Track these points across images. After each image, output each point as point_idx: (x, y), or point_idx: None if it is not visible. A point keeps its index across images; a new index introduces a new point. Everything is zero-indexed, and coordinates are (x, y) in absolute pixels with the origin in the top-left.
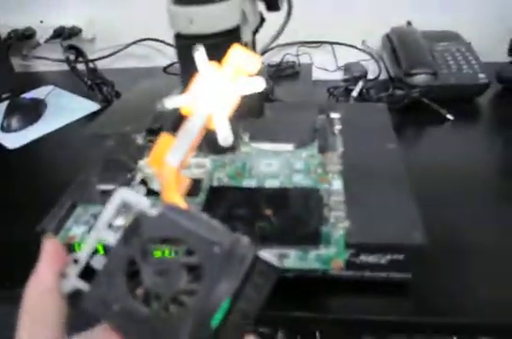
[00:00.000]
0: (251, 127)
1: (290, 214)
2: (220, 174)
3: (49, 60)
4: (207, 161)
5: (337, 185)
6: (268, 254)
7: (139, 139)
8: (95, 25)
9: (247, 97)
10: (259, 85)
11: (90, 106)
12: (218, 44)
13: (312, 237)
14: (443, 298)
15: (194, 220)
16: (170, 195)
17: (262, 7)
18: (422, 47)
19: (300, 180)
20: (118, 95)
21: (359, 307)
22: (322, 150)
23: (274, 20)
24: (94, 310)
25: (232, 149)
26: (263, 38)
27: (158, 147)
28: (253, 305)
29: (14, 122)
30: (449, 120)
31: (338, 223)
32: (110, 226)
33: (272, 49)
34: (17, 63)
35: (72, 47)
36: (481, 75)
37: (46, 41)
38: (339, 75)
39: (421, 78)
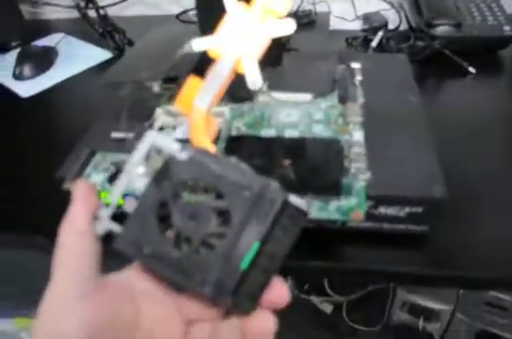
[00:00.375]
0: (269, 76)
1: (310, 164)
2: (239, 123)
3: (59, 7)
4: (226, 110)
5: (358, 136)
6: (297, 199)
7: (156, 87)
8: None
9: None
10: (289, 27)
11: (103, 54)
12: None
13: (332, 188)
14: (460, 251)
15: (223, 164)
16: (199, 139)
17: None
18: None
19: (320, 130)
20: (130, 43)
21: (372, 258)
22: (342, 100)
23: None
24: (126, 251)
25: (251, 98)
26: None
27: (186, 90)
28: (281, 248)
29: (26, 70)
30: (471, 72)
31: (359, 174)
32: (139, 170)
33: None
34: (26, 10)
35: None
36: (506, 27)
37: None
38: (357, 25)
39: (443, 29)
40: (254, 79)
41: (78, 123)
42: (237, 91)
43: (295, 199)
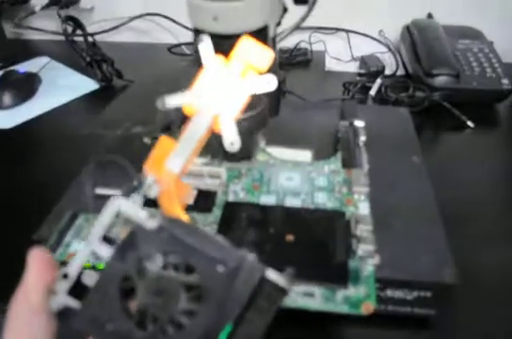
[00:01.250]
0: (267, 129)
1: (314, 242)
2: (236, 187)
3: (44, 32)
4: (222, 171)
5: (364, 208)
6: (276, 274)
7: (146, 139)
8: None
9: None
10: (270, 84)
11: (89, 85)
12: None
13: (339, 275)
14: (464, 335)
15: (195, 235)
16: (170, 205)
17: None
18: (444, 44)
19: (324, 200)
20: (118, 74)
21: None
22: (346, 164)
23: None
24: (85, 329)
25: (248, 156)
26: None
27: (157, 151)
28: (256, 330)
29: (7, 99)
30: (469, 126)
31: (367, 258)
32: (104, 238)
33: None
34: (9, 30)
35: (69, 18)
36: (504, 81)
37: (42, 9)
38: (353, 67)
39: (442, 80)
40: (232, 140)
41: (62, 163)
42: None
43: (273, 275)
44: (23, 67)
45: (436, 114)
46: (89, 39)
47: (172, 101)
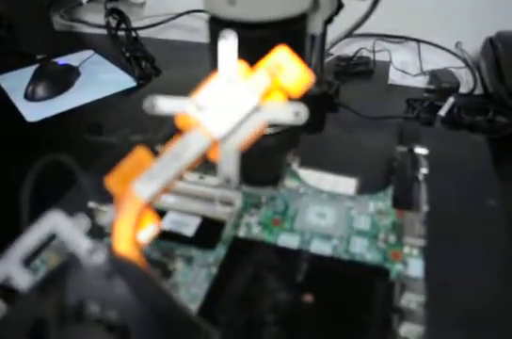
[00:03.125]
0: (304, 148)
1: (339, 309)
2: (251, 219)
3: (88, 25)
4: (237, 197)
5: (415, 267)
6: None
7: (158, 147)
8: None
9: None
10: (299, 117)
11: (126, 82)
12: (269, 40)
13: None
14: None
15: (144, 286)
16: (125, 240)
17: None
18: None
19: (363, 249)
20: (157, 73)
21: None
22: (399, 204)
23: (352, 4)
24: None
25: (274, 181)
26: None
27: (128, 163)
28: None
29: (40, 91)
30: None
31: None
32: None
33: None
34: (58, 21)
35: (114, 11)
36: None
37: (89, 1)
38: (421, 82)
39: None
40: (229, 176)
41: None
42: (258, 172)
43: None
44: (65, 59)
45: None
46: (133, 34)
47: (165, 105)
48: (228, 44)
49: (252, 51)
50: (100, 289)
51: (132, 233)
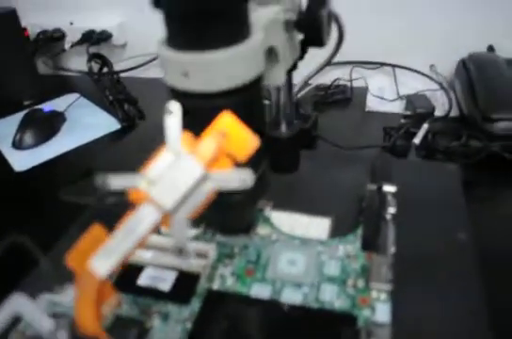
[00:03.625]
0: (276, 189)
1: None
2: (225, 270)
3: (71, 72)
4: (211, 249)
5: (383, 312)
6: None
7: None
8: (126, 30)
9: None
10: (245, 182)
11: (111, 125)
12: (226, 107)
13: None
14: None
15: None
16: (85, 317)
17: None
18: (507, 83)
19: (332, 296)
20: (140, 115)
21: None
22: (367, 246)
23: None
24: None
25: (247, 229)
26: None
27: (85, 241)
28: None
29: (28, 139)
30: None
31: None
32: None
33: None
34: (42, 66)
35: (96, 56)
36: None
37: (72, 46)
38: (398, 107)
39: (503, 126)
40: (180, 246)
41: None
42: (229, 221)
43: None
44: (51, 104)
45: (494, 168)
46: (115, 76)
47: (116, 181)
48: (173, 118)
49: (210, 120)
50: None
51: (92, 309)
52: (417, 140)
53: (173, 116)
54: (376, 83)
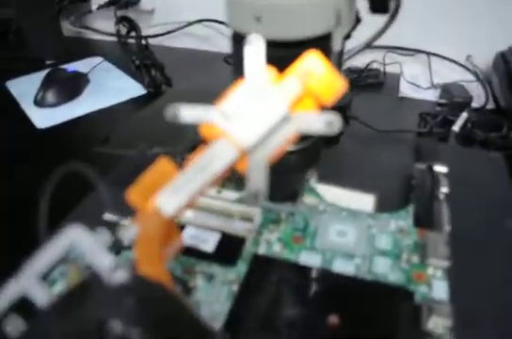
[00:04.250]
0: (321, 163)
1: (365, 331)
2: (271, 236)
3: (98, 33)
4: (257, 213)
5: (440, 289)
6: None
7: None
8: None
9: None
10: (332, 126)
11: (136, 90)
12: (294, 59)
13: None
14: None
15: (167, 305)
16: (149, 259)
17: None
18: None
19: (386, 269)
20: (167, 81)
21: None
22: (420, 223)
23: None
24: None
25: (293, 197)
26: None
27: (151, 176)
28: None
29: (50, 97)
30: None
31: None
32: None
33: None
34: (67, 28)
35: (124, 19)
36: None
37: (99, 8)
38: (432, 95)
39: None
40: (257, 189)
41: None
42: (277, 188)
43: None
44: (74, 66)
45: None
46: (143, 42)
47: (188, 114)
48: (255, 49)
49: (277, 70)
50: (122, 307)
51: (155, 249)
52: (456, 128)
53: (254, 45)
54: (409, 70)
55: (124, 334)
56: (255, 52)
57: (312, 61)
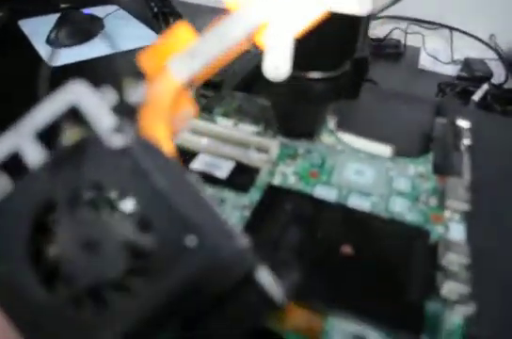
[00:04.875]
0: (340, 111)
1: (380, 266)
2: (287, 169)
3: None
4: (274, 145)
5: (457, 231)
6: (271, 280)
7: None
8: None
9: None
10: (363, 5)
11: (151, 37)
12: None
13: (410, 319)
14: None
15: (174, 179)
16: (154, 124)
17: None
18: None
19: (403, 209)
20: None
21: None
22: (440, 170)
23: None
24: None
25: (312, 135)
26: None
27: (167, 40)
28: None
29: (63, 37)
30: None
31: (455, 303)
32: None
33: (375, 19)
34: None
35: None
36: None
37: None
38: (452, 70)
39: None
40: (278, 63)
41: None
42: (295, 123)
43: (268, 278)
44: (89, 10)
45: None
46: None
47: None
48: None
49: None
50: (120, 174)
51: (165, 117)
52: (476, 97)
53: None
54: (430, 43)
55: (119, 203)
56: None
57: None
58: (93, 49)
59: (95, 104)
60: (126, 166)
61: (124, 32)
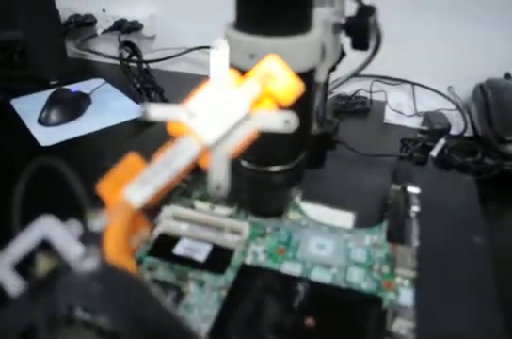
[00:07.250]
0: (304, 183)
1: (337, 332)
2: (258, 247)
3: (102, 55)
4: (245, 226)
5: (406, 297)
6: None
7: None
8: (157, 23)
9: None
10: (289, 124)
11: (135, 111)
12: None
13: None
14: None
15: (135, 292)
16: (117, 247)
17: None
18: None
19: (359, 278)
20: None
21: None
22: (392, 238)
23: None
24: None
25: (278, 213)
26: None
27: (120, 169)
28: None
29: (54, 116)
30: None
31: None
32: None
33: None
34: (71, 49)
35: (127, 44)
36: None
37: (104, 33)
38: (415, 122)
39: None
40: (219, 183)
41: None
42: (263, 203)
43: None
44: (77, 86)
45: (506, 185)
46: (144, 66)
47: (157, 111)
48: (219, 52)
49: None
50: (90, 294)
51: (124, 238)
52: (434, 153)
53: (220, 51)
54: (395, 98)
55: (92, 320)
56: (220, 56)
57: (271, 65)
58: (82, 126)
59: (63, 235)
60: (95, 289)
61: (111, 106)
